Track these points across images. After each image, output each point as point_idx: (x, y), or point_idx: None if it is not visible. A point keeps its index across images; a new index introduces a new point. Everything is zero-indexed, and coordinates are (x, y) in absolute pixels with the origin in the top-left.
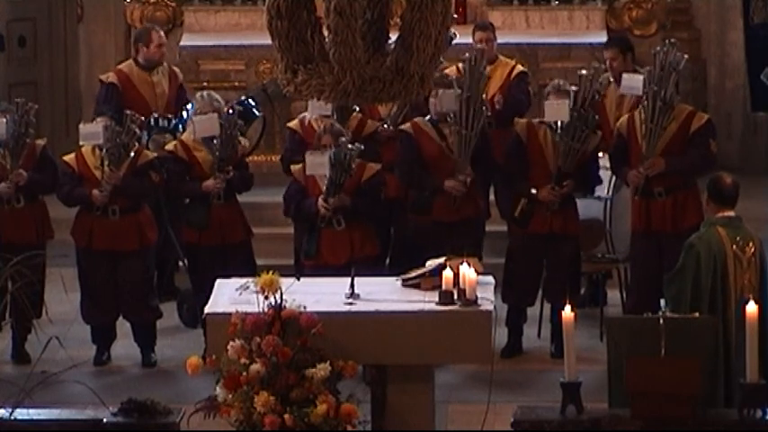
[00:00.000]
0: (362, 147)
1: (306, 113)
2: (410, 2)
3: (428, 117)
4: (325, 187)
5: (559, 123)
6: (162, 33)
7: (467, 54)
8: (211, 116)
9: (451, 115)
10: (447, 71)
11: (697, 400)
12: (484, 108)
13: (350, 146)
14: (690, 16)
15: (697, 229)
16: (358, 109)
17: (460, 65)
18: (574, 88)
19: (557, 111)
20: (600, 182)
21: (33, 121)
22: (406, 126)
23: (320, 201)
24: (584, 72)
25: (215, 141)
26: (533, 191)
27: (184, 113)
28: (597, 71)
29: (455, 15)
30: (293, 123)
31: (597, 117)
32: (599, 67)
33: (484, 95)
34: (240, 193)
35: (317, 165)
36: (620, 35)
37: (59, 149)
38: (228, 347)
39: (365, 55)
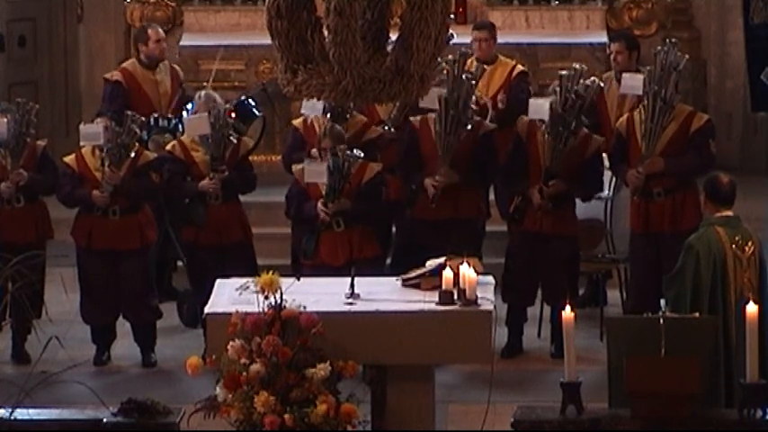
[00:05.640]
0: (362, 154)
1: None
2: (410, 2)
3: None
4: (324, 192)
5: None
6: (159, 30)
7: (449, 56)
8: (202, 115)
9: (433, 115)
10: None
11: (697, 399)
12: (469, 110)
13: (348, 153)
14: (690, 16)
15: (696, 230)
16: (354, 110)
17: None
18: (558, 88)
19: (537, 109)
20: (602, 188)
21: (35, 121)
22: (414, 119)
23: (320, 205)
24: (563, 72)
25: (209, 140)
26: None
27: (184, 113)
28: (578, 72)
29: (452, 15)
30: (297, 121)
31: (585, 119)
32: (581, 68)
33: (475, 98)
34: (243, 194)
35: (316, 173)
36: (628, 33)
37: (59, 150)
38: (228, 347)
39: (365, 55)
